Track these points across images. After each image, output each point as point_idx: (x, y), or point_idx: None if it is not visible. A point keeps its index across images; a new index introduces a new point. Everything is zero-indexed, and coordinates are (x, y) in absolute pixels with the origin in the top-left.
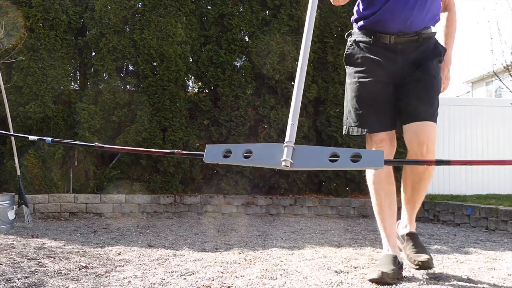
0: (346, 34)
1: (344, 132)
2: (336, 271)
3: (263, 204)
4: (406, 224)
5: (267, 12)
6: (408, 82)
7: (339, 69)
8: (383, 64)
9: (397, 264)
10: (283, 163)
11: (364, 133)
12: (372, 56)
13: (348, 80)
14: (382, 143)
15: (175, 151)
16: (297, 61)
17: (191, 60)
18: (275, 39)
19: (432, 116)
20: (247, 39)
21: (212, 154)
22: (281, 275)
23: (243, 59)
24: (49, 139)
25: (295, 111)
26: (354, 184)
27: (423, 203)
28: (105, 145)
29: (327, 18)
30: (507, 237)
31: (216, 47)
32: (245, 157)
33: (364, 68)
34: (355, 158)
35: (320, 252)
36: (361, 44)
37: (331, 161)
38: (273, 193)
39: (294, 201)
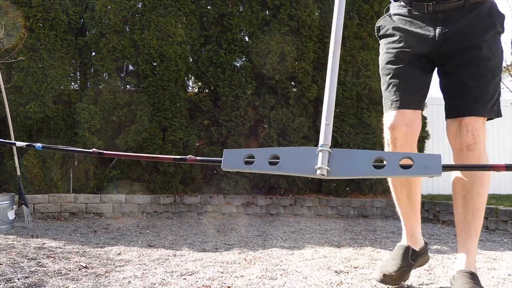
0: (385, 9)
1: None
2: (336, 271)
3: (263, 204)
4: (460, 259)
5: (267, 12)
6: (453, 64)
7: (339, 69)
8: (419, 36)
9: (407, 259)
10: (319, 172)
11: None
12: (405, 27)
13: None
14: (394, 122)
15: (187, 157)
16: (297, 61)
17: (191, 60)
18: (275, 39)
19: (483, 109)
20: (247, 39)
21: (231, 160)
22: (281, 275)
23: (243, 59)
24: (39, 145)
25: (329, 109)
26: (354, 184)
27: (422, 203)
28: (105, 151)
29: (327, 18)
30: (507, 237)
31: (216, 47)
32: (271, 163)
33: (394, 38)
34: (406, 163)
35: (320, 252)
36: (394, 17)
37: (376, 167)
38: (273, 193)
39: (294, 201)
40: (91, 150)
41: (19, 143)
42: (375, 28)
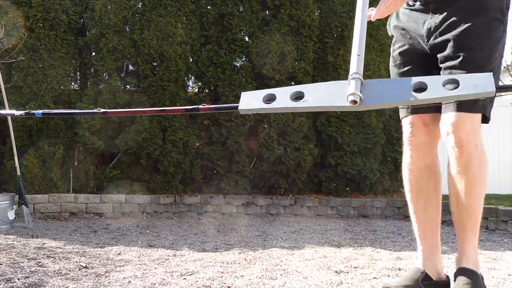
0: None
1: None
2: (336, 271)
3: (263, 204)
4: (458, 258)
5: (267, 12)
6: (442, 58)
7: (339, 69)
8: (415, 31)
9: (417, 282)
10: (351, 98)
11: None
12: (403, 24)
13: None
14: (413, 128)
15: (199, 106)
16: (297, 61)
17: (191, 60)
18: (275, 39)
19: (470, 105)
20: (247, 39)
21: (249, 101)
22: (281, 275)
23: (243, 59)
24: (39, 112)
25: (361, 39)
26: (354, 184)
27: None
28: (109, 110)
29: (327, 18)
30: (507, 237)
31: (216, 47)
32: (296, 99)
33: (393, 39)
34: (452, 84)
35: (320, 252)
36: (400, 13)
37: (417, 91)
38: (273, 193)
39: (294, 201)
40: (95, 110)
41: (17, 112)
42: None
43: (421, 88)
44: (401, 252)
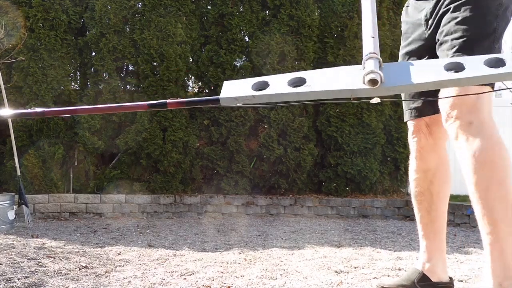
0: None
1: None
2: (336, 271)
3: (263, 204)
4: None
5: (267, 12)
6: (437, 46)
7: None
8: (415, 23)
9: (412, 282)
10: (370, 77)
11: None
12: (409, 19)
13: None
14: (415, 130)
15: (167, 101)
16: (297, 61)
17: (191, 60)
18: (275, 39)
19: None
20: (247, 39)
21: (234, 90)
22: (281, 275)
23: (243, 59)
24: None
25: (373, 21)
26: (354, 184)
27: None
28: (46, 110)
29: (327, 18)
30: None
31: (216, 47)
32: (296, 86)
33: (402, 34)
34: (494, 63)
35: (320, 252)
36: (410, 5)
37: (451, 69)
38: (273, 193)
39: (294, 201)
40: (29, 110)
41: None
42: None
43: (456, 68)
44: (401, 252)
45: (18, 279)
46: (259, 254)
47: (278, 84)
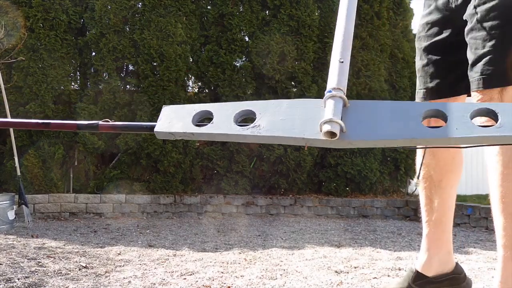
0: None
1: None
2: (336, 271)
3: (263, 204)
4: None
5: (267, 12)
6: (467, 30)
7: None
8: (439, 5)
9: (407, 282)
10: (326, 128)
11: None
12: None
13: None
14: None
15: (98, 123)
16: (297, 61)
17: (191, 60)
18: (275, 39)
19: (501, 77)
20: (247, 39)
21: (172, 120)
22: (281, 275)
23: (243, 59)
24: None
25: (345, 37)
26: (354, 184)
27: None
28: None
29: (327, 18)
30: None
31: (216, 47)
32: (243, 122)
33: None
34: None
35: (320, 252)
36: None
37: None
38: (273, 193)
39: (294, 201)
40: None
41: None
42: None
43: (437, 116)
44: (401, 252)
45: (18, 279)
46: (259, 254)
47: (223, 119)
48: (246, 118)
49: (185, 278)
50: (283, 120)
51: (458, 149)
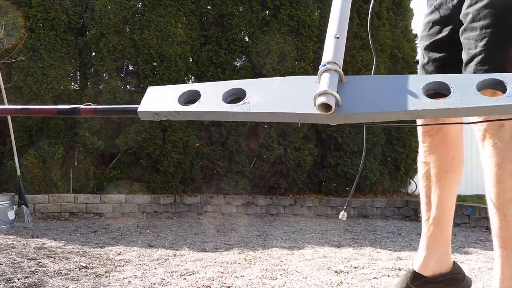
0: None
1: None
2: (336, 271)
3: (263, 204)
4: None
5: (267, 12)
6: (461, 31)
7: None
8: (438, 5)
9: (405, 283)
10: (321, 100)
11: None
12: None
13: None
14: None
15: (80, 107)
16: (297, 61)
17: (191, 60)
18: (275, 39)
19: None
20: (247, 39)
21: (156, 101)
22: (281, 275)
23: (243, 59)
24: None
25: (342, 14)
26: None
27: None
28: None
29: (327, 18)
30: None
31: (216, 47)
32: (233, 101)
33: (427, 0)
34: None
35: (320, 252)
36: None
37: (431, 96)
38: (273, 193)
39: (294, 201)
40: None
41: None
42: None
43: (439, 91)
44: (401, 252)
45: (18, 279)
46: (259, 254)
47: (211, 98)
48: (238, 98)
49: (185, 278)
50: (275, 96)
51: (459, 149)
